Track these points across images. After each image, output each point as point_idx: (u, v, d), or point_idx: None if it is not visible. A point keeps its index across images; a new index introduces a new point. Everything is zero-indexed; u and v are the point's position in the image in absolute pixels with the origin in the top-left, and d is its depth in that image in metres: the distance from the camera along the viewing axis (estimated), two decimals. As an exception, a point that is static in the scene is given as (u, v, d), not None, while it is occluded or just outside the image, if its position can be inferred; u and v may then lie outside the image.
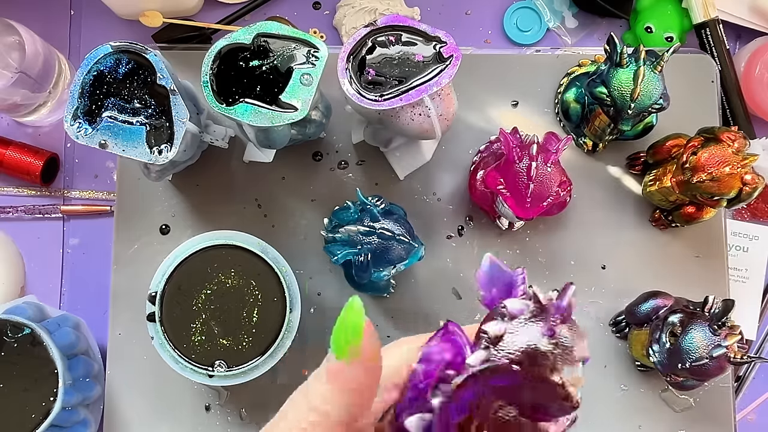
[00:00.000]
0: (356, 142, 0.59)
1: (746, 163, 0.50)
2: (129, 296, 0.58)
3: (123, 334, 0.58)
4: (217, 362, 0.50)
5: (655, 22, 0.65)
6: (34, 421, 0.49)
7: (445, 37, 0.47)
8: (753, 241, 0.63)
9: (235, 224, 0.58)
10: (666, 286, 0.56)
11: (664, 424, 0.57)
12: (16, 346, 0.50)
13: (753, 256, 0.63)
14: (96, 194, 0.65)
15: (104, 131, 0.47)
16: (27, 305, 0.54)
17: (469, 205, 0.59)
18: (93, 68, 0.48)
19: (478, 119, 0.61)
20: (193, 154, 0.55)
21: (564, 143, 0.51)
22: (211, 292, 0.51)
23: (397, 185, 0.60)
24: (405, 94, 0.46)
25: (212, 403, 0.58)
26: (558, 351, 0.22)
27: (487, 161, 0.56)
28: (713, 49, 0.64)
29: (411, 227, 0.51)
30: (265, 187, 0.60)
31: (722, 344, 0.48)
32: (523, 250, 0.59)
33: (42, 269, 0.64)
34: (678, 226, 0.58)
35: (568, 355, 0.22)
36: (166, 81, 0.48)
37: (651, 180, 0.58)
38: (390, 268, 0.50)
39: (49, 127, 0.66)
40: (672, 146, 0.56)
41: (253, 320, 0.50)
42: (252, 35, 0.47)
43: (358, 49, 0.47)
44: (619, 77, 0.51)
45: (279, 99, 0.47)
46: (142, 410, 0.57)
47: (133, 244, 0.59)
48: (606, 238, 0.59)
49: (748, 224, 0.64)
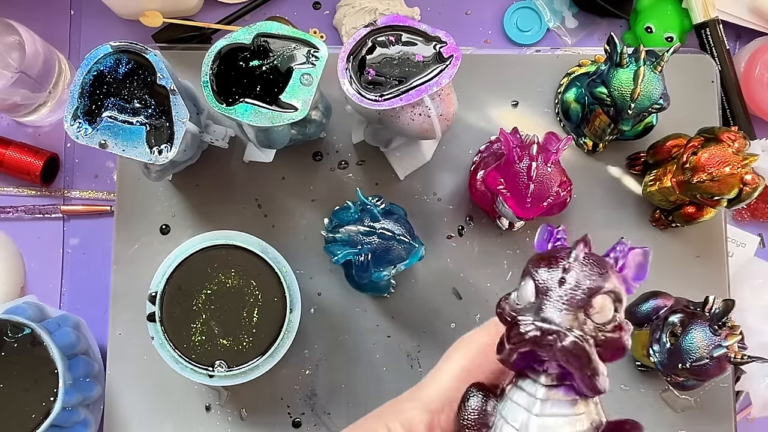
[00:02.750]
0: (356, 142, 0.59)
1: (746, 164, 0.50)
2: (129, 296, 0.58)
3: (123, 334, 0.58)
4: (217, 362, 0.50)
5: (655, 22, 0.65)
6: (34, 421, 0.49)
7: (445, 37, 0.47)
8: (740, 247, 0.64)
9: (235, 224, 0.58)
10: (666, 286, 0.56)
11: (665, 424, 0.57)
12: (17, 346, 0.50)
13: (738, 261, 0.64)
14: (96, 194, 0.65)
15: (104, 131, 0.47)
16: (27, 305, 0.54)
17: (469, 205, 0.59)
18: (93, 68, 0.48)
19: (478, 119, 0.61)
20: (193, 154, 0.55)
21: (564, 143, 0.51)
22: (211, 292, 0.51)
23: (397, 185, 0.60)
24: (405, 94, 0.46)
25: (212, 403, 0.58)
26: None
27: (487, 161, 0.56)
28: (713, 49, 0.64)
29: (411, 227, 0.51)
30: (265, 187, 0.60)
31: (723, 344, 0.48)
32: (524, 250, 0.59)
33: (42, 269, 0.64)
34: (678, 226, 0.58)
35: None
36: (166, 81, 0.48)
37: (651, 180, 0.58)
38: (390, 268, 0.50)
39: (49, 127, 0.66)
40: (672, 146, 0.56)
41: (253, 320, 0.50)
42: (252, 35, 0.47)
43: (358, 49, 0.47)
44: (619, 77, 0.51)
45: (279, 99, 0.47)
46: (142, 410, 0.57)
47: (133, 244, 0.59)
48: (606, 238, 0.59)
49: (737, 230, 0.64)
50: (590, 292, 0.25)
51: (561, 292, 0.25)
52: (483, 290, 0.58)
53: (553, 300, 0.26)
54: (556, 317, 0.25)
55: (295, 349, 0.54)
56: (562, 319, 0.25)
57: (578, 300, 0.25)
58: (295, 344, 0.52)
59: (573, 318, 0.25)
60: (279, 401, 0.58)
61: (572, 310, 0.25)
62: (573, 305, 0.25)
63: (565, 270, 0.26)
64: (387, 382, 0.58)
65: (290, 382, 0.58)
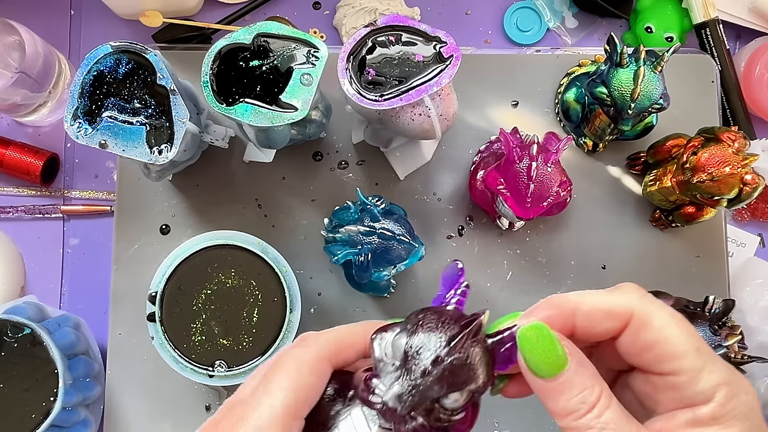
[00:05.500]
0: (356, 142, 0.59)
1: (746, 163, 0.50)
2: (129, 296, 0.58)
3: (123, 334, 0.58)
4: (217, 362, 0.50)
5: (655, 22, 0.65)
6: (34, 421, 0.49)
7: (445, 37, 0.47)
8: (740, 247, 0.64)
9: (235, 224, 0.58)
10: (666, 286, 0.56)
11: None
12: (17, 346, 0.50)
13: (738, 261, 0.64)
14: (96, 194, 0.65)
15: (104, 131, 0.47)
16: (27, 305, 0.54)
17: (469, 205, 0.59)
18: (93, 68, 0.48)
19: (478, 119, 0.61)
20: (193, 154, 0.55)
21: (564, 143, 0.51)
22: (211, 292, 0.51)
23: (397, 185, 0.60)
24: (405, 94, 0.46)
25: (212, 403, 0.58)
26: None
27: (487, 161, 0.56)
28: (713, 49, 0.64)
29: (411, 227, 0.51)
30: (265, 187, 0.60)
31: (723, 344, 0.48)
32: (523, 250, 0.59)
33: (42, 269, 0.64)
34: (678, 226, 0.58)
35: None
36: (166, 81, 0.48)
37: (651, 180, 0.58)
38: (390, 268, 0.50)
39: (49, 127, 0.66)
40: (672, 146, 0.56)
41: (253, 320, 0.50)
42: (252, 35, 0.47)
43: (358, 49, 0.47)
44: (619, 77, 0.51)
45: (279, 99, 0.47)
46: (142, 410, 0.57)
47: (133, 244, 0.59)
48: (606, 238, 0.59)
49: (737, 230, 0.65)
50: (452, 389, 0.25)
51: (423, 380, 0.25)
52: (483, 290, 0.58)
53: (414, 379, 0.26)
54: (408, 400, 0.25)
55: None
56: (413, 403, 0.25)
57: (437, 391, 0.25)
58: (295, 344, 0.52)
59: (425, 405, 0.25)
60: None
61: (427, 399, 0.25)
62: (429, 395, 0.25)
63: (438, 360, 0.26)
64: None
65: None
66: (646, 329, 0.26)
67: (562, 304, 0.27)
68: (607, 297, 0.27)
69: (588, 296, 0.28)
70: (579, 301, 0.27)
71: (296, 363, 0.29)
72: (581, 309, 0.27)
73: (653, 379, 0.27)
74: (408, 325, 0.27)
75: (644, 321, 0.26)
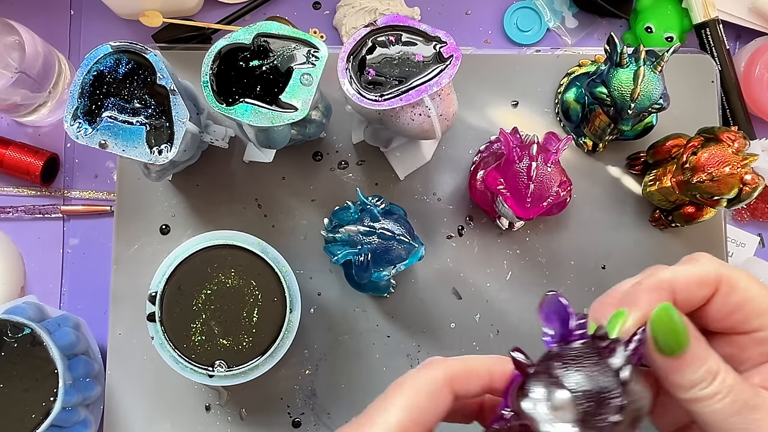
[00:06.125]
0: (356, 142, 0.59)
1: (746, 164, 0.50)
2: (129, 296, 0.58)
3: (123, 334, 0.58)
4: (217, 362, 0.50)
5: (655, 22, 0.65)
6: (34, 421, 0.49)
7: (445, 37, 0.47)
8: (740, 247, 0.64)
9: (235, 224, 0.58)
10: (666, 286, 0.56)
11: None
12: (16, 346, 0.50)
13: (738, 261, 0.64)
14: (96, 194, 0.65)
15: (104, 131, 0.47)
16: (27, 305, 0.54)
17: (469, 205, 0.59)
18: (93, 68, 0.48)
19: (478, 119, 0.61)
20: (193, 154, 0.55)
21: (564, 143, 0.51)
22: (211, 292, 0.51)
23: (397, 185, 0.60)
24: (405, 94, 0.46)
25: (212, 403, 0.58)
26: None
27: (487, 161, 0.56)
28: (713, 49, 0.64)
29: (411, 227, 0.51)
30: (265, 187, 0.60)
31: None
32: (523, 250, 0.59)
33: (42, 269, 0.64)
34: (678, 226, 0.58)
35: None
36: (166, 81, 0.48)
37: (651, 180, 0.58)
38: (390, 268, 0.50)
39: (49, 127, 0.66)
40: (672, 146, 0.56)
41: (253, 320, 0.50)
42: (252, 35, 0.47)
43: (358, 49, 0.47)
44: (619, 77, 0.51)
45: (279, 99, 0.47)
46: (142, 410, 0.57)
47: (133, 244, 0.59)
48: (606, 238, 0.59)
49: (737, 230, 0.65)
50: (637, 423, 0.25)
51: (615, 429, 0.24)
52: (483, 290, 0.58)
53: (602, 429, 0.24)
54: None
55: (295, 349, 0.54)
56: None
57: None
58: (295, 344, 0.52)
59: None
60: (279, 401, 0.58)
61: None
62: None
63: (623, 408, 0.24)
64: (387, 382, 0.57)
65: (290, 382, 0.58)
66: (735, 292, 0.29)
67: (661, 284, 0.29)
68: (695, 268, 0.29)
69: (678, 271, 0.29)
70: (672, 277, 0.29)
71: (416, 384, 0.29)
72: (678, 284, 0.29)
73: (739, 339, 0.30)
74: (550, 377, 0.25)
75: (733, 285, 0.29)
